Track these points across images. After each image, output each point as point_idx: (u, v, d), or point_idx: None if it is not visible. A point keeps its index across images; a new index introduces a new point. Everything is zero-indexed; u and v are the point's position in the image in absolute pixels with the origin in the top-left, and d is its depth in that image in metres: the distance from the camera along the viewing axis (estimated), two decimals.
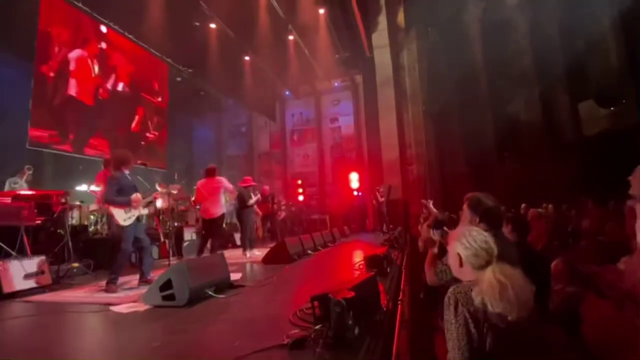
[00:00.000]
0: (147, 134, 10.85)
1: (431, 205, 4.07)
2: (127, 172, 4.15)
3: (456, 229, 2.22)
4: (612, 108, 12.73)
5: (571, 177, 10.63)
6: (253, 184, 7.15)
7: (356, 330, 1.91)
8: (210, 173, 5.98)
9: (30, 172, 5.68)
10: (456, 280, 1.74)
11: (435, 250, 2.39)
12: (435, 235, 2.45)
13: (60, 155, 7.97)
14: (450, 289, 1.63)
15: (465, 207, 2.23)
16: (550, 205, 6.69)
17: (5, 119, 6.76)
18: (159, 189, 4.95)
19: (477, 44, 10.92)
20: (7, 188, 5.76)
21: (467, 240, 1.67)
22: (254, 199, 6.78)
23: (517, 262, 1.70)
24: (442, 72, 10.63)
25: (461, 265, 1.69)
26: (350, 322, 1.87)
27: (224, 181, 6.04)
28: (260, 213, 8.66)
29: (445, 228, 2.48)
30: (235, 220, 7.91)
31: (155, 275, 3.76)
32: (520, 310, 1.41)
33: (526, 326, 1.43)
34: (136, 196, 4.01)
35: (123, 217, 3.93)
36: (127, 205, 3.94)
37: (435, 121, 12.68)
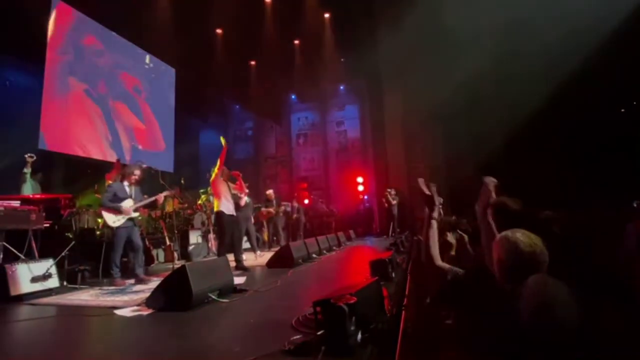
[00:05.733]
0: (153, 138, 10.97)
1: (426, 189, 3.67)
2: (126, 183, 4.88)
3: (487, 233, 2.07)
4: (622, 110, 12.52)
5: (584, 181, 10.43)
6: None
7: (358, 337, 1.88)
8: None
9: (33, 159, 5.79)
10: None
11: (453, 253, 2.23)
12: (451, 238, 2.28)
13: (69, 159, 8.08)
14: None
15: (489, 212, 2.04)
16: (548, 211, 6.50)
17: (16, 124, 6.88)
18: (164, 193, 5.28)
19: (485, 44, 10.81)
20: (22, 182, 5.85)
21: (510, 244, 1.45)
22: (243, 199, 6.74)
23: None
24: (450, 75, 10.55)
25: (503, 273, 1.48)
26: (352, 328, 1.85)
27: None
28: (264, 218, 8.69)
29: (459, 231, 2.37)
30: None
31: (157, 278, 3.83)
32: (560, 335, 1.17)
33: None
34: (127, 207, 4.73)
35: (112, 219, 4.65)
36: (117, 212, 4.67)
37: (443, 124, 12.58)
